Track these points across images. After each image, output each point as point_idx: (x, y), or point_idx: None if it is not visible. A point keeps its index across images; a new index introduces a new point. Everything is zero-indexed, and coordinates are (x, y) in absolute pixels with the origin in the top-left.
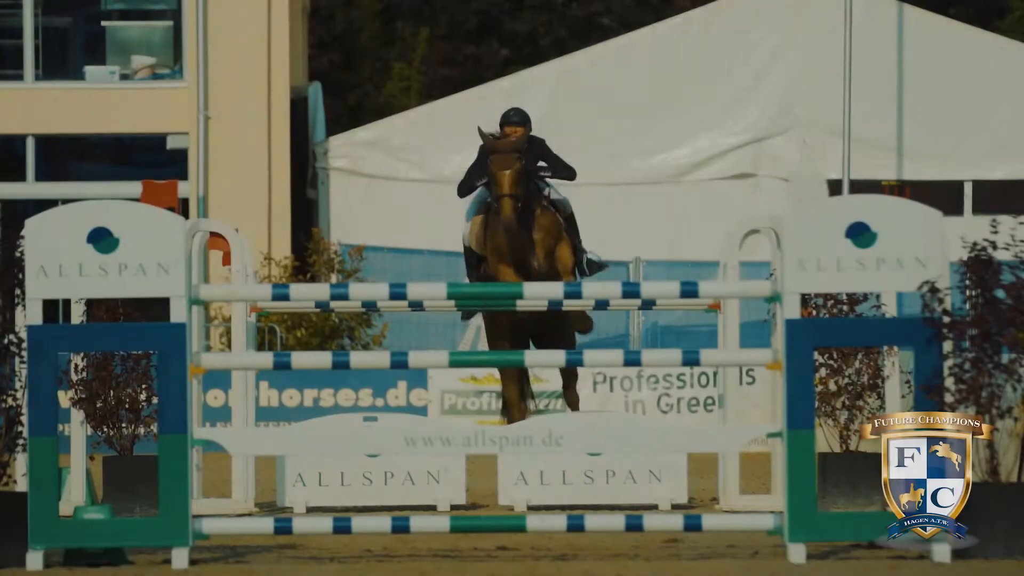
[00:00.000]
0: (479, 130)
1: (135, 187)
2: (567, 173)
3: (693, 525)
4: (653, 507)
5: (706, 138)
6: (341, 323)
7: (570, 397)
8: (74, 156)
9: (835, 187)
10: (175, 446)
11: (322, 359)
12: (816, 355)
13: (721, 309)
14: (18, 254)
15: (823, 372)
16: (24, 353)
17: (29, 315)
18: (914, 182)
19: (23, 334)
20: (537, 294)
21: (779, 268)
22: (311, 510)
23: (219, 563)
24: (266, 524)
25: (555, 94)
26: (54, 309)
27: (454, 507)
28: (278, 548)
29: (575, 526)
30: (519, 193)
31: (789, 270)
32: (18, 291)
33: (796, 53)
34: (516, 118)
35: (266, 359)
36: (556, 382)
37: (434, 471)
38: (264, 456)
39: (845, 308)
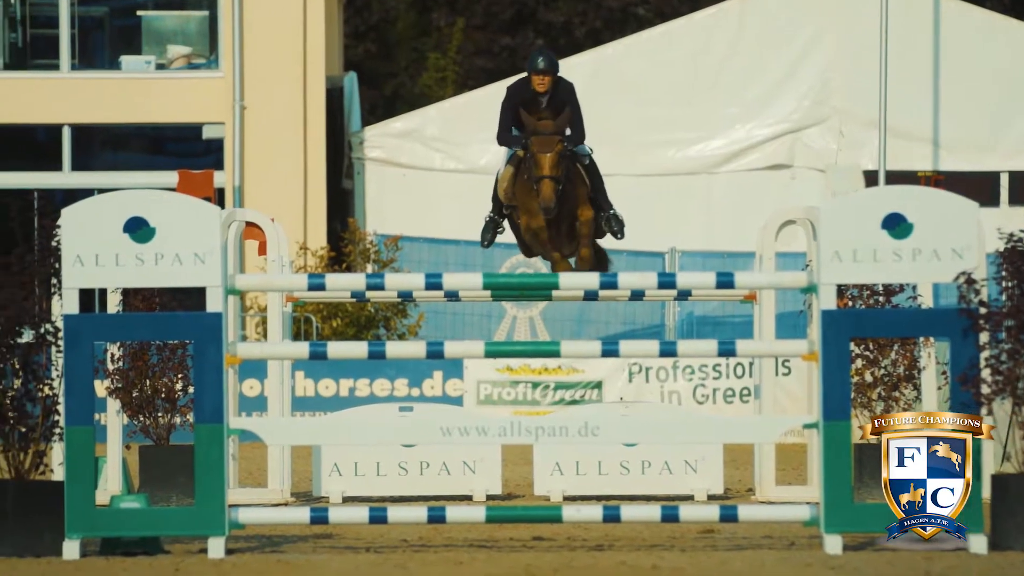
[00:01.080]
0: (519, 113)
1: (171, 177)
2: (579, 137)
3: (729, 516)
4: (689, 498)
5: (742, 129)
6: (377, 313)
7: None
8: (110, 146)
9: (871, 178)
10: (211, 435)
11: (358, 349)
12: (852, 346)
13: (757, 300)
14: (54, 243)
15: (859, 363)
16: (61, 342)
17: (66, 304)
18: (950, 173)
19: (60, 323)
20: (573, 284)
21: (815, 259)
22: (347, 500)
23: (255, 553)
24: (302, 514)
25: (590, 85)
26: (90, 298)
27: (490, 497)
28: (314, 538)
29: (611, 516)
30: (559, 175)
31: (825, 261)
32: (54, 280)
33: (832, 43)
34: (544, 65)
35: (302, 349)
36: (592, 372)
37: (470, 461)
38: (300, 446)
39: (881, 299)
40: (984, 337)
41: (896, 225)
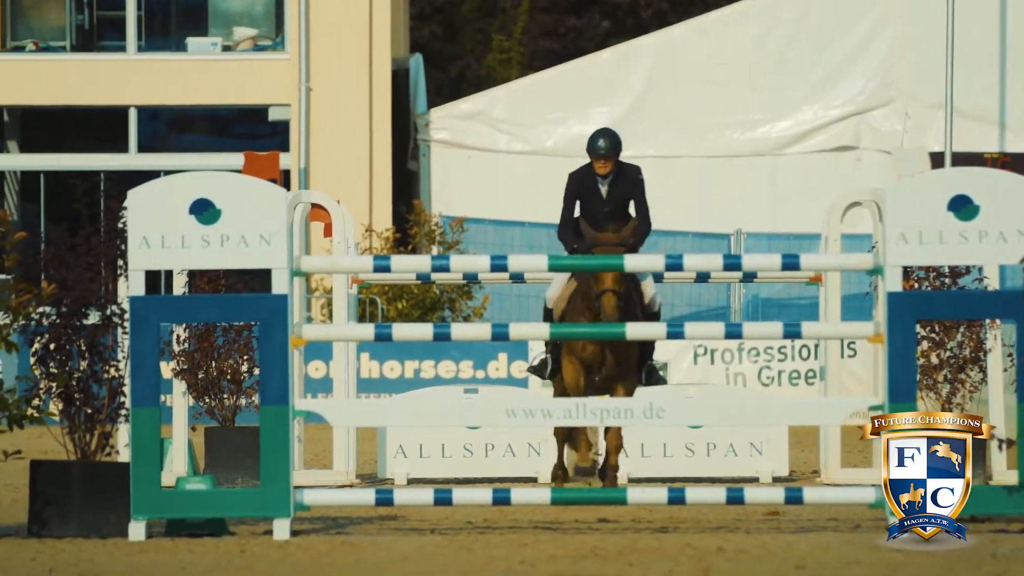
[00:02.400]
0: (580, 221)
1: (237, 159)
2: (644, 227)
3: (794, 498)
4: (754, 480)
5: (808, 110)
6: (442, 295)
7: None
8: (176, 127)
9: (937, 160)
10: (277, 417)
11: (423, 331)
12: (918, 328)
13: (823, 282)
14: (121, 225)
15: (925, 345)
16: (127, 324)
17: (132, 286)
18: (1017, 154)
19: (126, 305)
20: (639, 266)
21: (881, 241)
22: (412, 482)
23: (320, 534)
24: (367, 496)
25: (656, 66)
26: (156, 280)
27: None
28: (379, 519)
29: (676, 499)
30: (623, 290)
31: (891, 243)
32: (121, 262)
33: (898, 24)
34: (605, 149)
35: (367, 331)
36: (657, 354)
37: (535, 443)
38: (365, 428)
39: (947, 281)
40: None
41: (962, 207)
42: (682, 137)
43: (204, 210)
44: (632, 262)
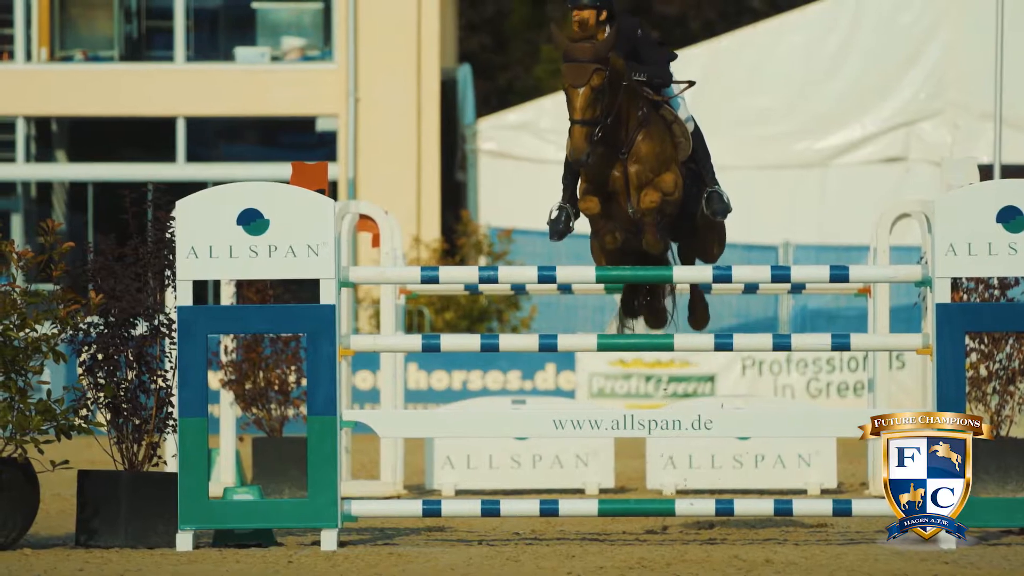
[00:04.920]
0: (551, 28)
1: (284, 169)
2: (662, 78)
3: (843, 510)
4: (802, 492)
5: (856, 122)
6: (490, 306)
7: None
8: (224, 138)
9: (986, 171)
10: (324, 428)
11: (471, 342)
12: (967, 340)
13: (871, 293)
14: (168, 236)
15: (974, 357)
16: (175, 334)
17: (180, 296)
18: None
19: (174, 315)
20: (686, 277)
21: (930, 252)
22: (459, 493)
23: (367, 545)
24: (414, 507)
25: (704, 77)
26: (204, 290)
27: (602, 490)
28: (426, 530)
29: (724, 510)
30: (597, 117)
31: (940, 254)
32: (168, 272)
33: (948, 35)
34: None
35: (415, 341)
36: (705, 366)
37: (583, 454)
38: (413, 438)
39: (996, 292)
40: None
41: (1011, 218)
42: (730, 148)
43: (252, 220)
44: (681, 273)
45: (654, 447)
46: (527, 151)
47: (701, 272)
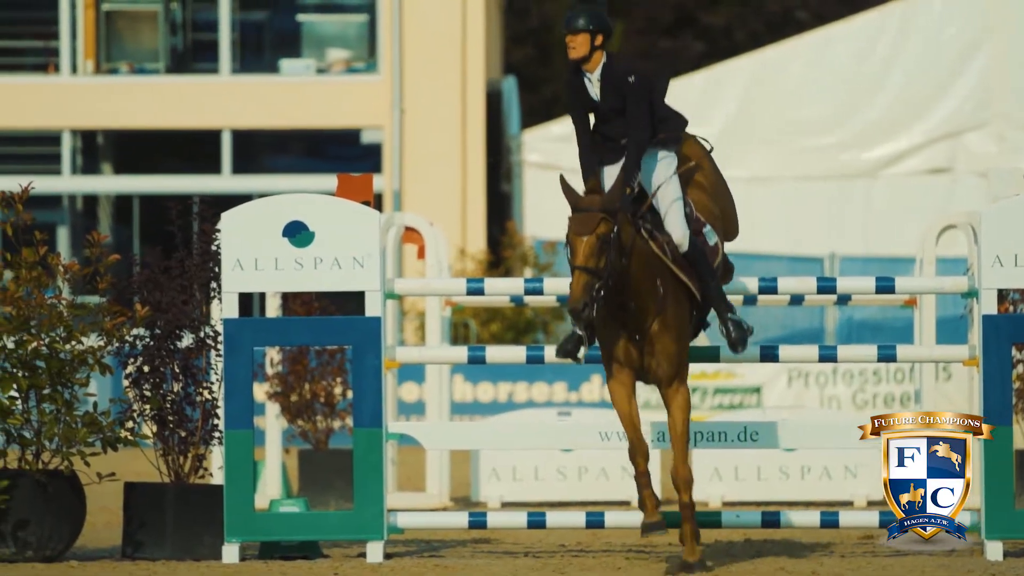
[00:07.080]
0: (560, 179)
1: (330, 181)
2: (636, 137)
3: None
4: (849, 503)
5: (902, 132)
6: (535, 317)
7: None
8: (269, 150)
9: None
10: (370, 440)
11: (517, 353)
12: (1014, 351)
13: (917, 304)
14: (214, 248)
15: (1020, 368)
16: (220, 346)
17: (225, 309)
18: None
19: (219, 327)
20: (732, 289)
21: (976, 264)
22: (505, 505)
23: (413, 557)
24: (460, 519)
25: (750, 88)
26: (249, 302)
27: None
28: (472, 542)
29: (770, 522)
30: (600, 269)
31: (986, 266)
32: (214, 285)
33: (993, 46)
34: (572, 20)
35: (460, 353)
36: (751, 377)
37: (628, 466)
38: (458, 450)
39: None
40: None
41: None
42: (775, 159)
43: (297, 232)
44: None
45: (699, 459)
46: (572, 162)
47: (748, 283)
